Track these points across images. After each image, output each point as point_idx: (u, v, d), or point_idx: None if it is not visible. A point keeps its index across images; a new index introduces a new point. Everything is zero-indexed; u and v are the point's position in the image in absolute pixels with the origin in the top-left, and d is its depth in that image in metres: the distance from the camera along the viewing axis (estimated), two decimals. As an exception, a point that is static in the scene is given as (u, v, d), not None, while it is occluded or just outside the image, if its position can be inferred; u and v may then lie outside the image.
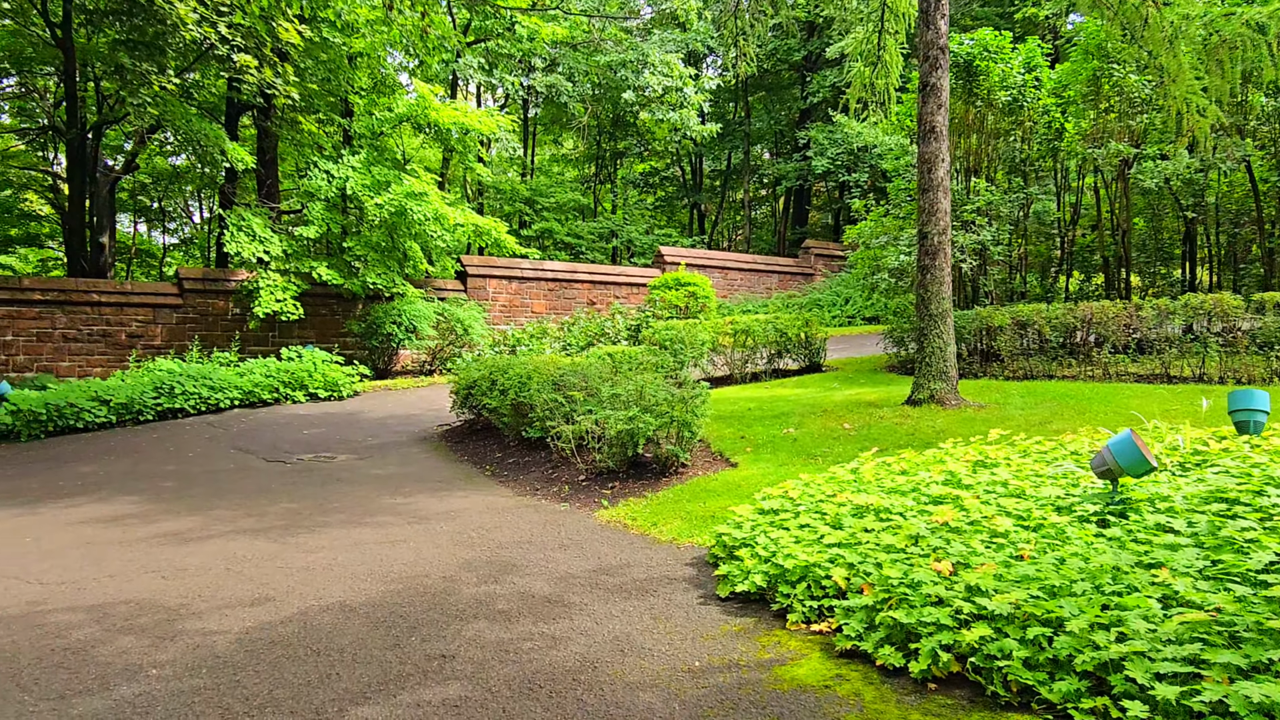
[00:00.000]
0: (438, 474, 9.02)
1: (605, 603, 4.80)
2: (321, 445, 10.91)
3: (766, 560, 4.72)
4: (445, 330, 17.33)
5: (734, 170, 35.01)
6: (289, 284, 15.92)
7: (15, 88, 28.63)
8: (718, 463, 8.13)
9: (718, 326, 14.49)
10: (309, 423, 12.52)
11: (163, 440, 11.41)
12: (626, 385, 8.11)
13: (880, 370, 13.92)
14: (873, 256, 13.96)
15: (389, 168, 16.82)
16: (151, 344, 16.18)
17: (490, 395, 9.88)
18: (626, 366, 11.37)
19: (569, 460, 8.51)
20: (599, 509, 7.08)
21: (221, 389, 13.45)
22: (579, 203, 28.50)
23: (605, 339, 18.58)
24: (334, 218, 16.56)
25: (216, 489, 8.50)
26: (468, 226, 17.29)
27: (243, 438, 11.45)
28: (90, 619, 4.86)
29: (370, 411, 13.46)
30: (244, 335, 16.74)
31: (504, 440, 10.20)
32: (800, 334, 14.49)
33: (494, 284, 20.62)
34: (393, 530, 6.67)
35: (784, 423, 9.41)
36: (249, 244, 15.30)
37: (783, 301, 23.07)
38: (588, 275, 22.20)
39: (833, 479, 5.96)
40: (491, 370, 10.27)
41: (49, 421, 11.75)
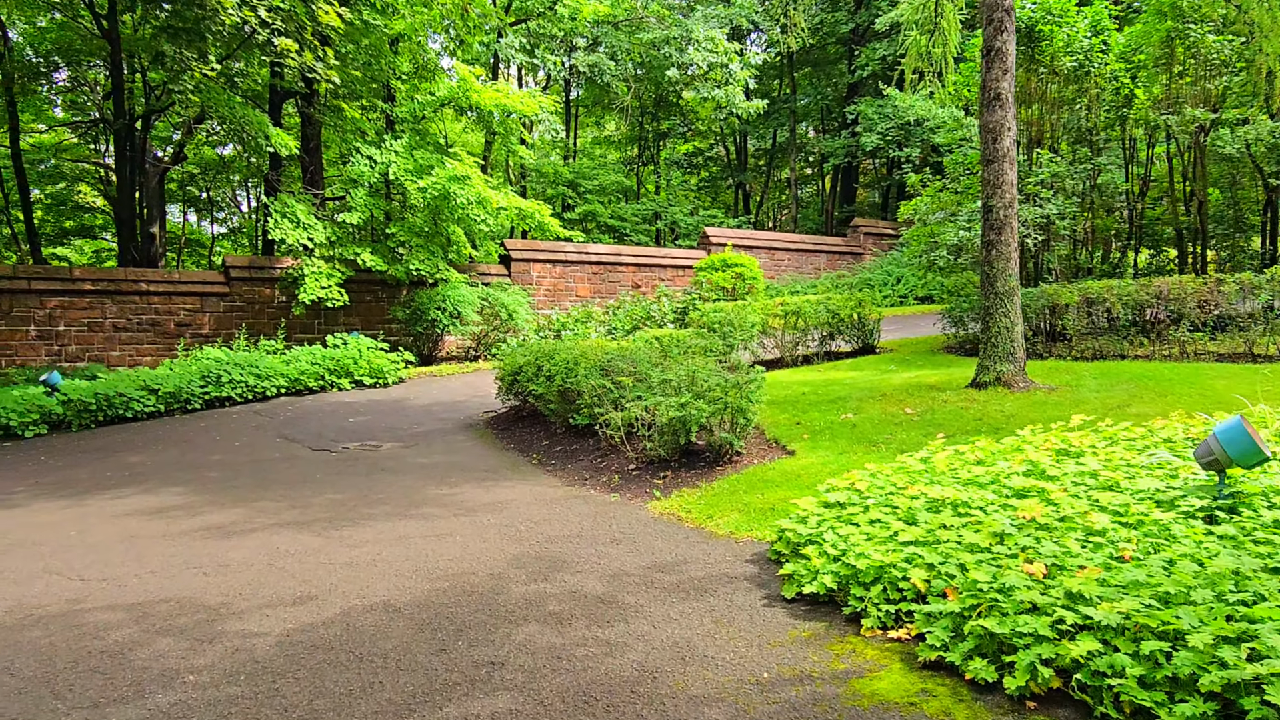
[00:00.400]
0: (484, 463, 8.79)
1: (662, 604, 4.50)
2: (367, 433, 10.77)
3: (836, 559, 4.38)
4: (489, 315, 17.15)
5: (779, 149, 34.33)
6: (333, 271, 15.84)
7: (66, 81, 29.06)
8: (773, 450, 7.78)
9: (767, 308, 14.08)
10: (354, 410, 12.42)
11: (210, 429, 11.38)
12: (677, 370, 7.78)
13: (938, 351, 13.40)
14: (929, 233, 13.41)
15: (431, 151, 16.64)
16: (199, 332, 16.24)
17: (536, 381, 9.63)
18: (676, 350, 11.04)
19: (618, 448, 8.22)
20: (651, 500, 6.78)
21: (268, 377, 13.41)
22: (622, 185, 28.14)
23: (651, 322, 18.25)
24: (377, 203, 16.43)
25: (261, 479, 8.38)
26: (511, 210, 17.05)
27: (289, 426, 11.37)
28: (129, 619, 4.70)
29: (415, 399, 13.32)
30: (290, 323, 16.74)
31: (550, 427, 9.95)
32: (853, 314, 14.01)
33: (538, 268, 20.39)
34: (438, 523, 6.44)
35: (841, 408, 9.02)
36: (293, 231, 15.24)
37: (832, 282, 22.51)
38: (632, 258, 21.87)
39: (902, 469, 5.58)
40: (537, 356, 10.02)
41: (99, 411, 11.80)
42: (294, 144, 14.67)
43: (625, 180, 29.02)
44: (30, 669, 4.08)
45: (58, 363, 15.05)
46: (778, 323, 13.92)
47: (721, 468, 7.34)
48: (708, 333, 12.95)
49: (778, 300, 14.29)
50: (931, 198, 13.35)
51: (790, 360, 13.78)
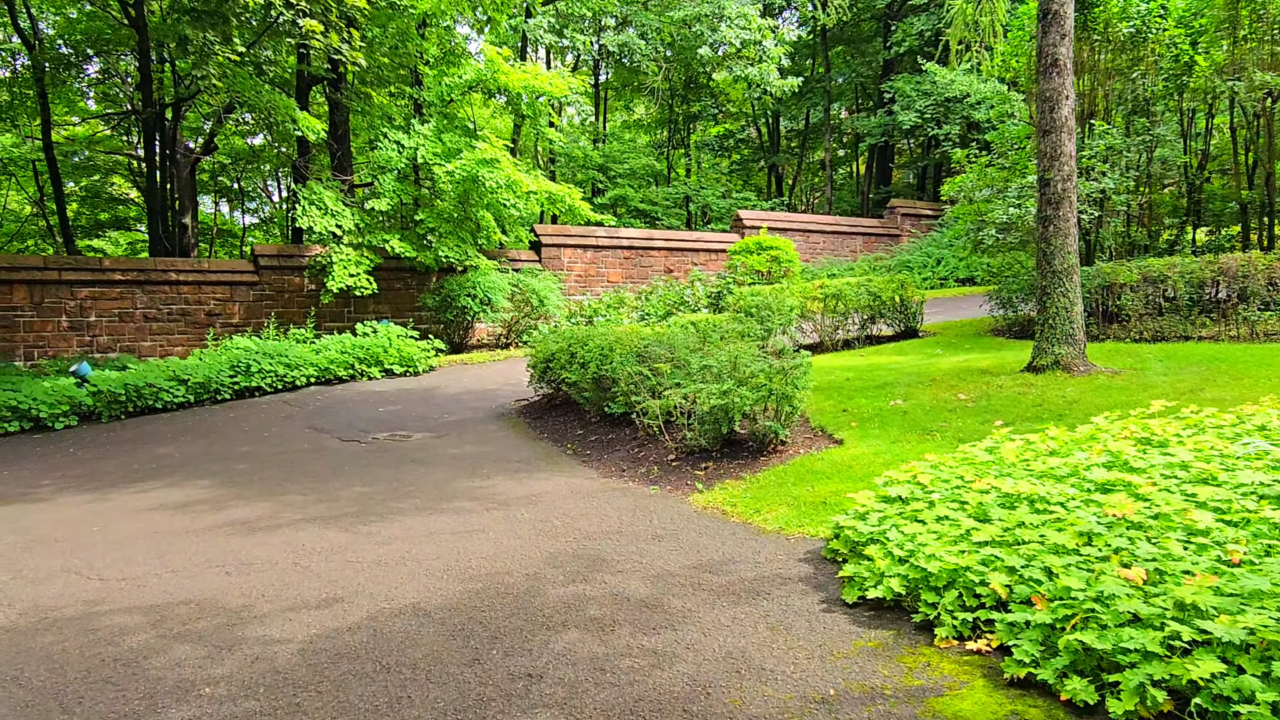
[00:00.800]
0: (517, 453, 8.49)
1: (712, 608, 4.16)
2: (397, 423, 10.53)
3: (902, 560, 4.00)
4: (520, 302, 16.86)
5: (812, 129, 33.65)
6: (361, 258, 15.63)
7: (98, 73, 29.19)
8: (820, 439, 7.39)
9: (806, 291, 13.64)
10: (384, 400, 12.20)
11: (239, 420, 11.20)
12: (718, 356, 7.41)
13: (984, 334, 12.89)
14: (975, 211, 12.87)
15: (460, 135, 16.34)
16: (229, 322, 16.13)
17: (570, 369, 9.31)
18: (716, 335, 10.67)
19: (656, 438, 7.88)
20: (693, 493, 6.43)
21: (297, 366, 13.23)
22: (653, 168, 27.68)
23: (685, 307, 17.87)
24: (405, 189, 16.18)
25: (289, 471, 8.14)
26: (541, 194, 16.71)
27: (318, 416, 11.17)
28: (147, 622, 4.44)
29: (446, 387, 13.08)
30: (319, 311, 16.57)
31: (585, 416, 9.63)
32: (894, 297, 13.53)
33: (568, 253, 20.07)
34: (471, 518, 6.15)
35: (889, 394, 8.59)
36: (321, 218, 15.03)
37: (869, 264, 21.96)
38: (664, 242, 21.46)
39: (966, 460, 5.17)
40: (570, 342, 9.69)
41: (128, 402, 11.68)
42: (321, 127, 14.44)
43: (656, 164, 28.54)
44: (40, 678, 3.83)
45: (89, 353, 15.00)
46: (817, 306, 13.49)
47: (765, 458, 6.97)
48: (745, 317, 12.55)
49: (816, 283, 13.84)
50: (978, 174, 12.80)
51: (830, 345, 13.34)
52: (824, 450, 6.97)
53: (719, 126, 37.00)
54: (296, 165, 18.82)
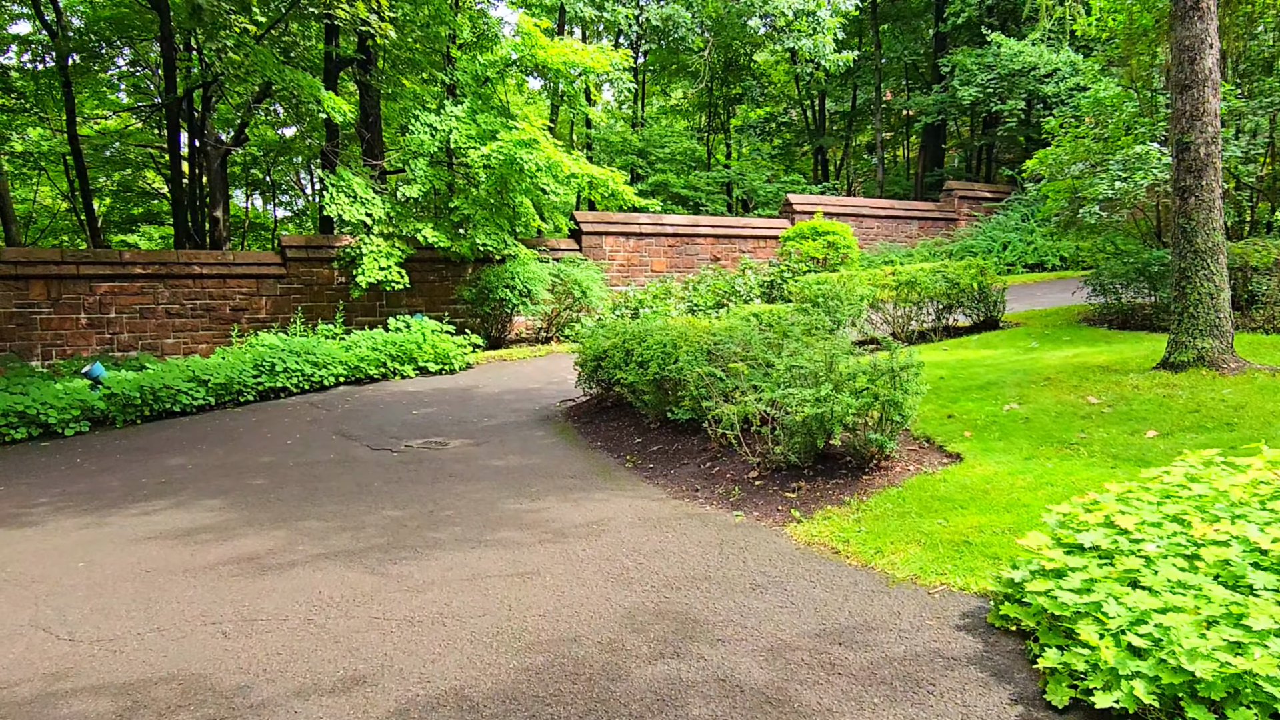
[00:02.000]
0: (569, 466, 7.43)
1: (861, 708, 3.04)
2: (432, 428, 9.52)
3: (1142, 651, 2.85)
4: (562, 293, 15.80)
5: (858, 110, 32.21)
6: (393, 249, 14.65)
7: (127, 65, 28.64)
8: (929, 452, 6.22)
9: (875, 278, 12.43)
10: (418, 401, 11.20)
11: (261, 424, 10.27)
12: (809, 355, 6.26)
13: (1076, 324, 11.58)
14: (1067, 187, 11.54)
15: (495, 115, 15.29)
16: (256, 317, 15.26)
17: (625, 369, 8.21)
18: (796, 329, 9.51)
19: (731, 450, 6.77)
20: (789, 521, 5.30)
21: (325, 365, 12.28)
22: (694, 153, 26.48)
23: (736, 298, 16.71)
24: (438, 174, 15.18)
25: (311, 489, 7.15)
26: (582, 177, 15.63)
27: (347, 420, 10.19)
28: (114, 712, 3.43)
29: (485, 386, 12.06)
30: (349, 305, 15.65)
31: (642, 421, 8.54)
32: (973, 284, 12.27)
33: (610, 241, 18.96)
34: (522, 554, 5.08)
35: (997, 396, 7.39)
36: (350, 206, 14.07)
37: (928, 250, 20.60)
38: (710, 229, 20.28)
39: (1169, 494, 3.98)
40: (625, 338, 8.59)
41: (144, 406, 10.79)
42: (348, 108, 13.46)
43: (698, 147, 27.34)
44: (-45, 810, 2.82)
45: (109, 352, 14.21)
46: (886, 294, 12.27)
47: (869, 476, 5.82)
48: (812, 308, 11.37)
49: (886, 269, 12.62)
50: (1070, 146, 11.45)
51: (903, 337, 12.12)
52: (941, 468, 5.80)
53: (760, 110, 35.66)
54: (325, 152, 17.92)
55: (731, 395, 6.86)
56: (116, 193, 35.77)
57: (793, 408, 5.80)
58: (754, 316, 10.77)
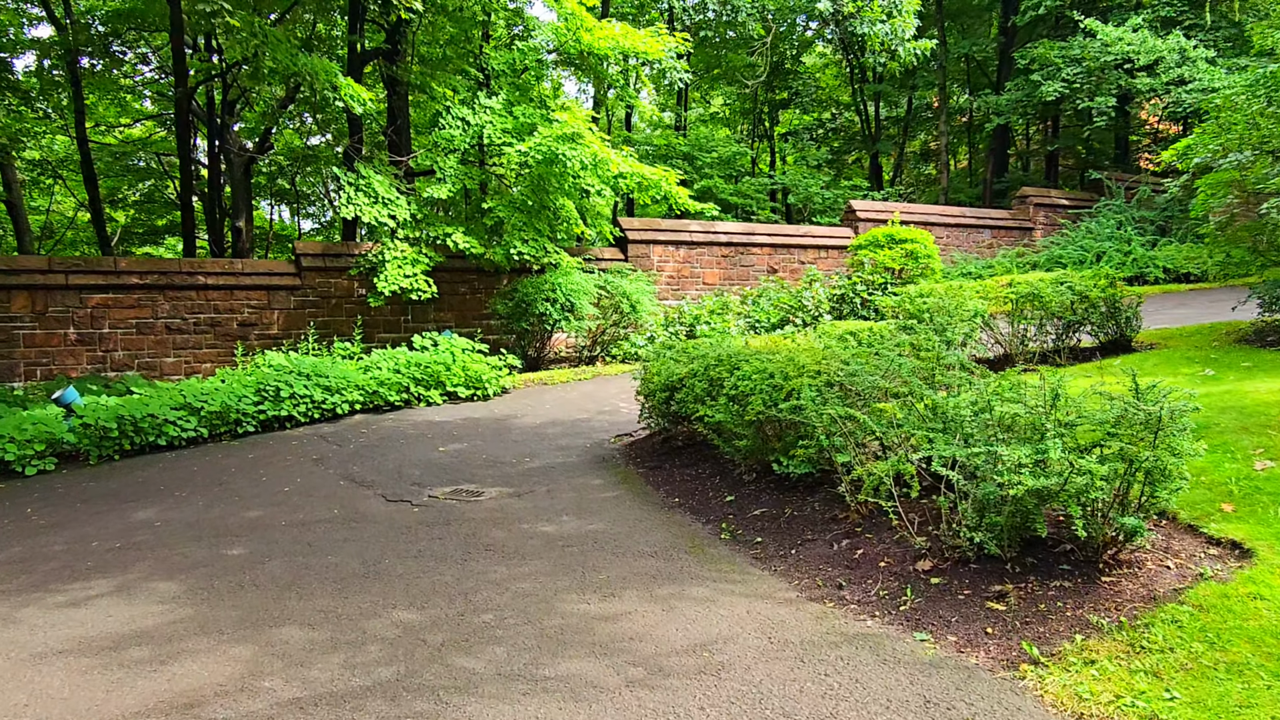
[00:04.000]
0: (644, 535, 5.57)
1: None
2: (462, 471, 7.72)
3: None
4: (608, 308, 14.00)
5: (914, 114, 30.25)
6: (419, 255, 12.95)
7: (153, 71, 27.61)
8: (1180, 534, 4.29)
9: (986, 290, 10.49)
10: (446, 434, 9.42)
11: (258, 464, 8.52)
12: (1029, 399, 4.36)
13: (1233, 345, 9.55)
14: (1227, 181, 9.55)
15: (533, 108, 13.58)
16: (267, 333, 13.60)
17: (712, 405, 6.35)
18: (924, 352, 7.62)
19: (879, 524, 4.88)
20: (1022, 662, 3.40)
21: (339, 390, 10.54)
22: (744, 156, 24.66)
23: (803, 313, 14.81)
24: (470, 173, 13.46)
25: (300, 568, 5.34)
26: (631, 177, 13.84)
27: (359, 459, 8.42)
28: None
29: (523, 416, 10.26)
30: (369, 320, 13.95)
31: (728, 470, 6.69)
32: (1103, 297, 10.30)
33: (658, 250, 17.15)
34: (602, 710, 3.22)
35: (1228, 447, 5.43)
36: (370, 207, 12.39)
37: (1011, 261, 18.58)
38: (767, 237, 18.41)
39: None
40: (708, 364, 6.74)
41: (123, 438, 9.09)
42: (368, 96, 11.79)
43: (747, 151, 25.54)
44: None
45: (101, 370, 12.61)
46: (1001, 308, 10.34)
47: (1110, 578, 3.90)
48: (917, 324, 9.45)
49: (999, 280, 10.70)
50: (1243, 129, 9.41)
51: (1021, 359, 10.16)
52: (1226, 568, 3.86)
53: (806, 116, 33.82)
54: (347, 152, 16.31)
55: (866, 444, 4.99)
56: (140, 203, 34.69)
57: (999, 475, 3.90)
58: (850, 335, 8.89)
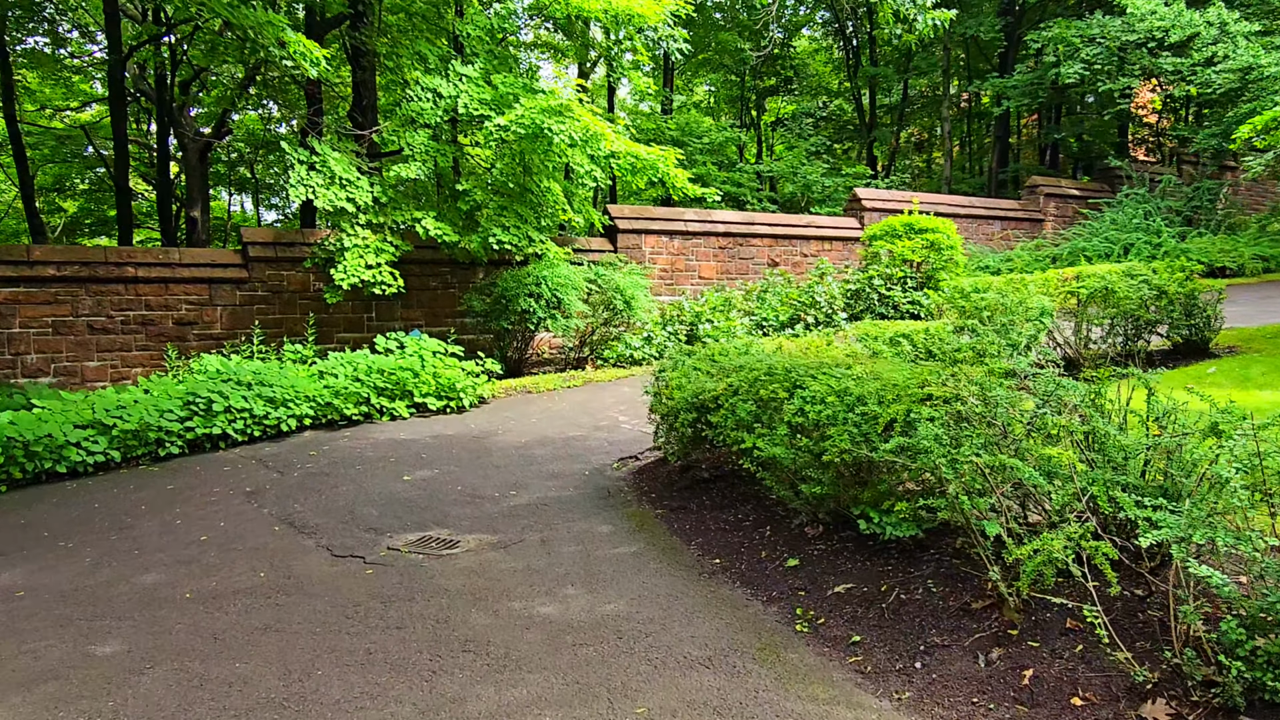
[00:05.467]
0: (684, 623, 3.99)
1: None
2: (431, 508, 6.11)
3: None
4: (599, 304, 12.40)
5: (909, 103, 28.91)
6: (384, 244, 11.28)
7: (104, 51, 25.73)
8: None
9: (1046, 283, 9.03)
10: (413, 457, 7.79)
11: (176, 498, 6.84)
12: None
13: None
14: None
15: (514, 77, 11.94)
16: (209, 332, 11.87)
17: (765, 433, 4.78)
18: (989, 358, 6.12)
19: (1045, 620, 3.33)
20: None
21: (286, 402, 8.86)
22: (738, 141, 23.16)
23: (815, 310, 13.30)
24: (443, 150, 11.80)
25: (191, 685, 3.71)
26: (624, 157, 12.25)
27: (302, 493, 6.77)
28: None
29: (505, 433, 8.64)
30: (328, 318, 12.25)
31: (777, 513, 5.14)
32: (1181, 293, 8.88)
33: (651, 240, 15.57)
34: None
35: None
36: (325, 189, 10.69)
37: (1030, 253, 17.22)
38: (768, 227, 16.90)
39: None
40: (754, 378, 5.16)
41: (10, 465, 7.37)
42: (323, 54, 10.07)
43: (742, 136, 24.04)
44: None
45: (11, 378, 10.83)
46: (1057, 304, 8.90)
47: None
48: (978, 324, 7.96)
49: (1064, 273, 9.24)
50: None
51: (1088, 362, 8.71)
52: None
53: (796, 104, 32.37)
54: (305, 128, 14.55)
55: (1051, 518, 3.45)
56: (90, 192, 32.66)
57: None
58: (902, 338, 7.37)
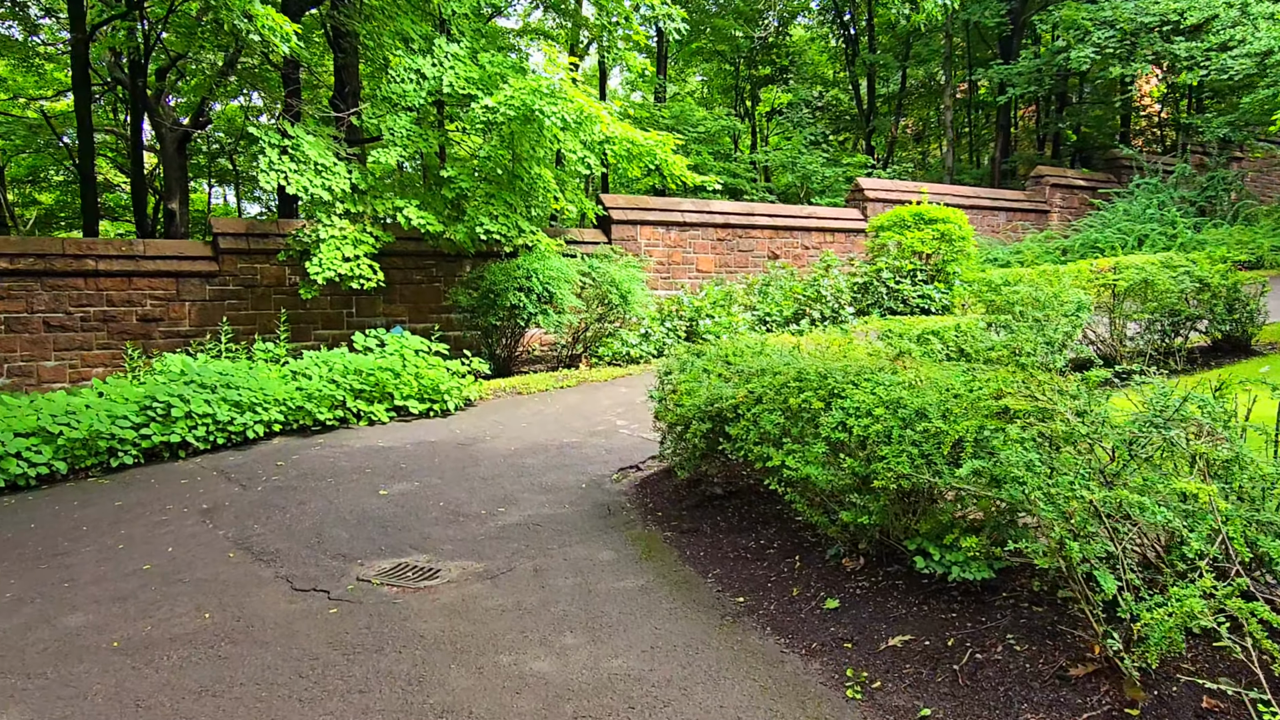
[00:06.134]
0: (709, 687, 3.29)
1: None
2: (409, 528, 5.39)
3: None
4: (593, 299, 11.67)
5: (907, 90, 28.24)
6: (363, 235, 10.52)
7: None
8: None
9: (1080, 274, 8.36)
10: (391, 467, 7.06)
11: (123, 517, 6.10)
12: None
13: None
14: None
15: (503, 56, 11.19)
16: (176, 329, 11.09)
17: (796, 449, 4.07)
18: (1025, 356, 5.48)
19: (1171, 697, 2.64)
20: None
21: (253, 406, 8.11)
22: (735, 130, 22.46)
23: (821, 304, 12.61)
24: (426, 135, 11.05)
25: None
26: (619, 142, 11.53)
27: (265, 511, 6.03)
28: None
29: (493, 439, 7.92)
30: (306, 314, 11.50)
31: (805, 538, 4.44)
32: (1224, 285, 8.23)
33: (647, 232, 14.84)
34: None
35: None
36: (299, 175, 9.93)
37: (1039, 245, 16.58)
38: (768, 219, 16.20)
39: None
40: (781, 384, 4.44)
41: (-61, 479, 6.64)
42: (293, 29, 9.31)
43: (739, 125, 23.36)
44: None
45: (-40, 380, 10.04)
46: (1099, 297, 8.24)
47: None
48: (1014, 319, 7.28)
49: (1100, 264, 8.58)
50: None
51: (1124, 360, 8.04)
52: None
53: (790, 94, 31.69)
54: (282, 114, 13.76)
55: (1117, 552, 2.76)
56: (66, 183, 31.80)
57: None
58: (931, 335, 6.68)
